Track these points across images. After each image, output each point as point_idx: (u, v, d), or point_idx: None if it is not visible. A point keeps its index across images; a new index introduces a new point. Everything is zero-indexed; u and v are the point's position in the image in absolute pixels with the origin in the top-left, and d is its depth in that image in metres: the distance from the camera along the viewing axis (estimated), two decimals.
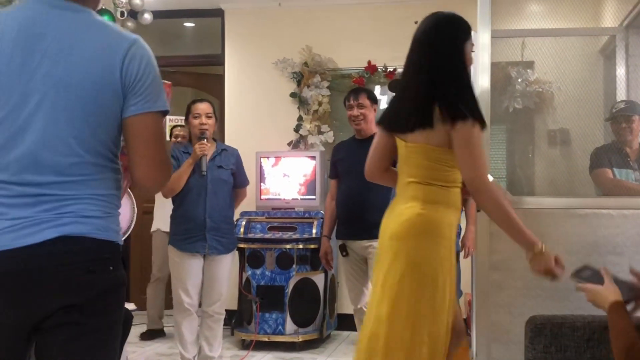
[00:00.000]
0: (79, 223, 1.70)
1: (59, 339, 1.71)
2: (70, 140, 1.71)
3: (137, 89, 1.75)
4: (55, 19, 1.74)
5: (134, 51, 1.75)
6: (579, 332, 2.34)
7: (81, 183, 1.73)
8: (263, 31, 6.48)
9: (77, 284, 1.70)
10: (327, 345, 5.57)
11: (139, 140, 1.78)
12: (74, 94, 1.70)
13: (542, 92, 5.20)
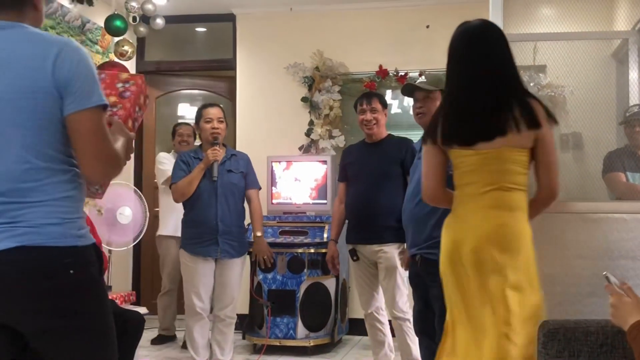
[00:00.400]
0: (33, 233, 1.77)
1: (43, 345, 1.81)
2: (17, 148, 1.78)
3: (70, 89, 1.80)
4: None
5: (64, 55, 1.82)
6: (593, 337, 2.32)
7: (35, 189, 1.79)
8: (274, 36, 6.49)
9: (38, 290, 1.76)
10: (339, 350, 5.56)
11: (78, 136, 1.83)
12: (14, 105, 1.78)
13: (554, 96, 5.17)
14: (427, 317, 3.54)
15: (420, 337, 3.71)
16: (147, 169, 6.96)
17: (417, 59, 6.15)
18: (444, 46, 6.35)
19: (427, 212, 3.47)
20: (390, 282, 4.17)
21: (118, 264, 6.32)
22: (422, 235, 3.49)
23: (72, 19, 5.74)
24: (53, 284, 1.78)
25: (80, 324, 1.83)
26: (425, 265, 3.49)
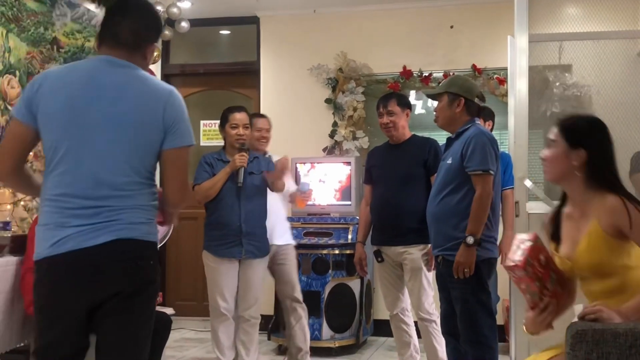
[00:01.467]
0: (129, 229, 2.21)
1: (113, 320, 2.21)
2: (122, 164, 2.22)
3: (175, 129, 2.28)
4: (111, 72, 2.27)
5: (172, 100, 2.30)
6: (622, 339, 2.30)
7: (130, 197, 2.23)
8: (298, 38, 6.51)
9: (128, 275, 2.21)
10: (364, 351, 5.56)
11: (172, 166, 2.32)
12: (127, 129, 2.22)
13: (581, 95, 5.15)
14: (453, 318, 3.54)
15: (446, 338, 3.71)
16: None
17: (441, 59, 6.14)
18: (468, 46, 6.38)
19: (447, 213, 3.47)
20: (416, 284, 4.17)
21: None
22: (443, 236, 3.50)
23: (98, 23, 5.79)
24: (139, 271, 2.24)
25: (147, 308, 2.30)
26: (446, 267, 3.49)
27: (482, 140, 3.42)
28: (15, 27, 4.78)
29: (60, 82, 2.25)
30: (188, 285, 6.67)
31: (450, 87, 3.59)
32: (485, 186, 3.38)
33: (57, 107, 2.21)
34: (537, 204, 3.91)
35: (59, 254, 2.16)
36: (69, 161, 2.21)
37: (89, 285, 2.18)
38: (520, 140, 3.98)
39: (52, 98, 2.22)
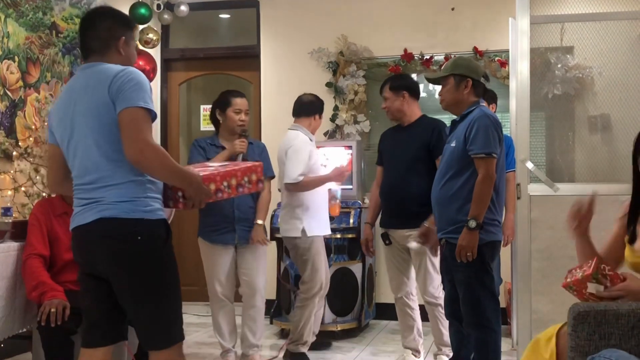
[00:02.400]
0: (110, 209, 2.47)
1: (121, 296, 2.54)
2: (98, 149, 2.50)
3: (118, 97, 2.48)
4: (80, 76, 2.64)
5: (119, 76, 2.50)
6: (623, 320, 2.30)
7: (110, 177, 2.48)
8: (298, 21, 6.47)
9: (116, 251, 2.48)
10: (366, 335, 5.57)
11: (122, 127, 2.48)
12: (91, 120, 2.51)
13: (582, 77, 5.13)
14: (456, 301, 3.54)
15: (450, 321, 3.71)
16: (172, 155, 6.96)
17: (442, 42, 6.10)
18: (469, 29, 6.35)
19: (450, 196, 3.46)
20: (421, 268, 4.17)
21: None
22: (446, 219, 3.49)
23: None
24: (124, 246, 2.47)
25: (141, 280, 2.50)
26: (449, 250, 3.48)
27: (485, 123, 3.39)
28: (13, 12, 4.75)
29: (56, 105, 2.70)
30: (190, 270, 6.66)
31: (456, 68, 3.55)
32: (488, 169, 3.36)
33: (56, 124, 2.65)
34: (539, 186, 3.90)
35: (72, 228, 2.62)
36: (69, 159, 2.61)
37: (88, 256, 2.58)
38: (521, 122, 3.96)
39: (54, 118, 2.67)
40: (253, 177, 2.96)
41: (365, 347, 5.17)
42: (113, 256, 2.49)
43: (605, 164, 4.40)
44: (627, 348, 2.23)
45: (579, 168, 4.57)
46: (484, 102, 3.71)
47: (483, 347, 3.43)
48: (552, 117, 5.02)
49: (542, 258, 3.83)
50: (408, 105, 4.27)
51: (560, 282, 2.61)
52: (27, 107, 4.86)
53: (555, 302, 3.69)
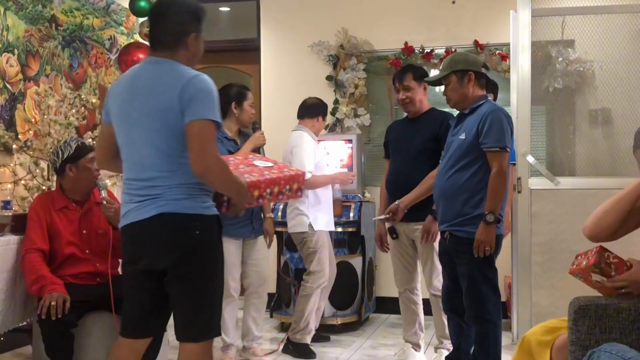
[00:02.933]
0: (167, 204, 2.55)
1: (175, 285, 2.61)
2: (160, 148, 2.56)
3: (189, 106, 2.51)
4: (148, 70, 2.65)
5: (190, 83, 2.55)
6: (624, 314, 2.30)
7: (170, 177, 2.56)
8: (298, 14, 6.45)
9: (176, 244, 2.57)
10: (366, 328, 5.57)
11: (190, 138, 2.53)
12: (157, 118, 2.55)
13: (583, 71, 5.12)
14: (456, 295, 3.54)
15: (449, 315, 3.71)
16: None
17: (443, 35, 6.08)
18: (470, 22, 6.33)
19: (457, 189, 3.45)
20: (428, 261, 4.16)
21: None
22: (452, 212, 3.48)
23: (96, 1, 5.76)
24: (184, 239, 2.56)
25: (203, 272, 2.61)
26: (453, 242, 3.48)
27: (499, 117, 3.38)
28: (13, 5, 4.74)
29: (117, 87, 2.72)
30: None
31: (455, 65, 3.53)
32: (503, 163, 3.35)
33: (115, 109, 2.68)
34: (540, 179, 3.90)
35: (126, 224, 2.65)
36: (125, 152, 2.67)
37: (141, 252, 2.64)
38: (522, 116, 3.96)
39: (113, 102, 2.70)
40: (294, 185, 3.05)
41: (366, 340, 5.17)
42: (173, 249, 2.57)
43: (606, 158, 4.40)
44: (627, 342, 2.23)
45: (580, 162, 4.57)
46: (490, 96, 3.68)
47: (484, 341, 3.43)
48: (552, 111, 5.01)
49: (542, 252, 3.84)
50: (424, 97, 4.24)
51: (561, 276, 2.61)
52: (26, 100, 4.84)
53: (555, 296, 3.70)
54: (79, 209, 3.67)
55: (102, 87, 5.84)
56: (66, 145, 3.65)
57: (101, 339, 3.52)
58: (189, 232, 2.57)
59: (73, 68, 5.44)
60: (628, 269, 2.42)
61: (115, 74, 6.02)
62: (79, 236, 3.62)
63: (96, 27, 5.76)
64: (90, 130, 5.10)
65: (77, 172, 3.63)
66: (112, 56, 5.99)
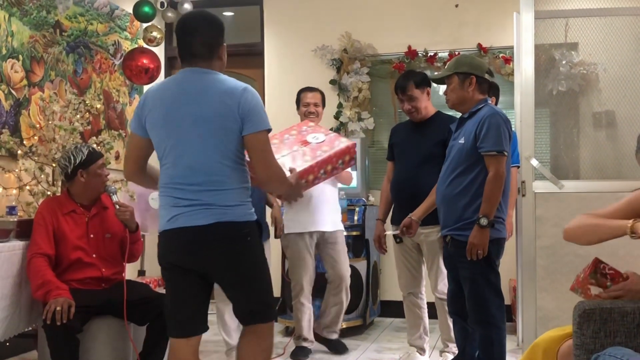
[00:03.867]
0: (223, 213, 2.68)
1: (234, 288, 2.81)
2: (212, 153, 2.68)
3: (249, 118, 2.68)
4: (195, 79, 2.76)
5: (246, 94, 2.71)
6: (629, 318, 2.29)
7: (222, 181, 2.69)
8: (302, 18, 6.46)
9: (232, 251, 2.71)
10: (371, 332, 5.57)
11: (254, 150, 2.73)
12: (211, 124, 2.67)
13: (587, 74, 5.11)
14: (460, 299, 3.54)
15: (454, 319, 3.71)
16: None
17: (446, 38, 6.09)
18: (473, 25, 6.32)
19: (457, 193, 3.45)
20: (434, 265, 4.15)
21: (152, 249, 6.38)
22: (453, 216, 3.48)
23: (100, 6, 5.78)
24: (239, 247, 2.72)
25: (252, 271, 2.79)
26: (455, 247, 3.48)
27: (496, 121, 3.38)
28: (17, 11, 4.75)
29: (158, 96, 2.78)
30: None
31: (459, 67, 3.53)
32: (499, 167, 3.35)
33: (158, 116, 2.74)
34: (544, 183, 3.89)
35: (175, 228, 2.71)
36: (173, 156, 2.72)
37: (195, 256, 2.72)
38: (526, 119, 3.96)
39: (154, 110, 2.75)
40: (346, 157, 3.32)
41: (370, 344, 5.17)
42: (229, 255, 2.73)
43: (611, 161, 4.38)
44: (632, 346, 2.22)
45: (584, 165, 4.56)
46: (491, 100, 3.69)
47: (488, 344, 3.42)
48: (556, 114, 5.00)
49: (547, 255, 3.83)
50: (429, 102, 4.23)
51: (565, 279, 2.61)
52: (31, 105, 4.86)
53: (560, 300, 3.69)
54: (87, 213, 3.69)
55: (106, 93, 5.85)
56: (78, 150, 3.67)
57: (106, 344, 3.53)
58: (242, 239, 2.74)
59: (77, 73, 5.46)
60: (624, 279, 2.43)
61: (120, 79, 6.04)
62: (86, 240, 3.63)
63: (100, 33, 5.78)
64: (94, 136, 5.11)
65: (88, 177, 3.65)
66: (117, 61, 6.00)
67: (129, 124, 2.85)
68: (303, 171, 3.05)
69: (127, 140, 2.86)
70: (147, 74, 5.83)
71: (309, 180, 3.11)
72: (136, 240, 3.82)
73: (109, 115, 5.89)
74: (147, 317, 3.56)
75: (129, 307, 3.48)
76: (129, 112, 6.20)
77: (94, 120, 5.50)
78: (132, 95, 6.30)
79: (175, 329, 2.84)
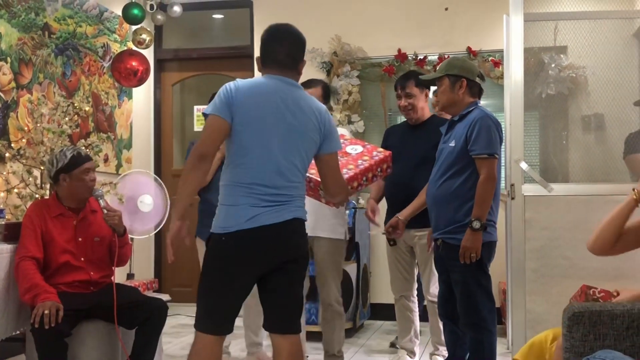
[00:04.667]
0: (299, 210, 2.88)
1: (281, 280, 2.86)
2: (294, 163, 2.84)
3: (329, 138, 2.93)
4: (289, 90, 2.89)
5: (327, 115, 2.96)
6: (618, 320, 2.30)
7: (297, 188, 2.88)
8: (292, 21, 6.33)
9: (298, 245, 2.90)
10: (361, 335, 5.56)
11: (329, 167, 2.99)
12: (300, 137, 2.84)
13: (576, 77, 5.13)
14: (451, 302, 3.53)
15: (444, 322, 3.71)
16: (165, 157, 6.98)
17: (436, 42, 6.10)
18: (463, 29, 6.34)
19: (448, 196, 3.45)
20: (427, 268, 4.15)
21: (140, 252, 6.37)
22: (444, 219, 3.48)
23: (89, 8, 5.76)
24: (304, 242, 2.94)
25: (304, 271, 2.99)
26: (446, 250, 3.48)
27: (487, 124, 3.38)
28: (6, 13, 4.73)
29: (251, 93, 2.84)
30: (184, 271, 6.66)
31: (451, 69, 3.52)
32: (490, 170, 3.34)
33: (252, 115, 2.80)
34: (533, 186, 3.90)
35: (255, 227, 2.76)
36: (259, 157, 2.79)
37: (275, 252, 2.82)
38: (515, 122, 3.97)
39: (247, 105, 2.80)
40: (384, 166, 3.54)
41: (360, 347, 5.16)
42: (299, 249, 2.91)
43: (599, 164, 4.40)
44: (621, 349, 2.23)
45: (573, 168, 4.57)
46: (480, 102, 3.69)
47: (478, 347, 3.42)
48: (545, 117, 5.01)
49: (536, 258, 3.83)
50: (426, 104, 4.22)
51: (555, 282, 2.63)
52: (19, 108, 4.83)
53: (549, 302, 3.70)
54: (75, 216, 3.67)
55: (95, 95, 5.82)
56: (62, 154, 3.64)
57: (95, 348, 3.51)
58: (305, 237, 2.95)
59: (66, 76, 5.43)
60: (616, 297, 2.45)
61: (109, 81, 6.02)
62: (74, 243, 3.61)
63: (89, 35, 5.76)
64: (83, 139, 5.08)
65: (70, 182, 3.62)
66: (105, 64, 5.98)
67: (213, 107, 2.82)
68: (348, 178, 3.29)
69: (208, 122, 2.84)
70: (136, 76, 5.81)
71: (354, 187, 3.36)
72: (124, 244, 3.79)
73: (98, 118, 5.86)
74: (136, 321, 3.54)
75: (118, 310, 3.47)
76: (117, 115, 6.18)
77: (83, 123, 5.47)
78: (121, 98, 6.28)
79: (213, 325, 2.89)
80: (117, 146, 6.13)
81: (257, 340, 4.46)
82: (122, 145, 6.26)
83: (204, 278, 2.89)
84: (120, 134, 6.22)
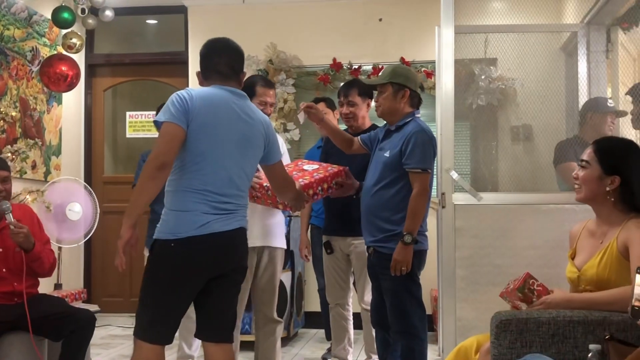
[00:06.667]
0: (244, 220, 2.96)
1: (223, 287, 2.91)
2: (244, 172, 2.95)
3: (270, 149, 3.05)
4: (238, 100, 2.97)
5: (270, 126, 3.10)
6: (544, 328, 2.35)
7: (243, 197, 2.97)
8: (227, 28, 6.38)
9: (243, 254, 2.99)
10: (295, 343, 5.55)
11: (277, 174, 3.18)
12: (250, 146, 2.94)
13: (505, 88, 5.24)
14: (383, 310, 3.55)
15: (376, 329, 3.72)
16: (96, 163, 6.84)
17: (371, 52, 6.16)
18: (397, 39, 6.41)
19: (381, 205, 3.46)
20: (362, 275, 4.15)
21: (68, 261, 6.21)
22: (375, 228, 3.49)
23: (18, 11, 5.60)
24: (246, 251, 3.02)
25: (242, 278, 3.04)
26: (377, 258, 3.49)
27: (422, 139, 3.40)
28: None
29: (206, 102, 2.86)
30: (115, 281, 6.53)
31: (395, 77, 3.52)
32: (423, 184, 3.37)
33: (208, 122, 2.83)
34: (463, 195, 3.96)
35: (206, 234, 2.78)
36: (212, 165, 2.83)
37: (224, 260, 2.87)
38: (446, 132, 4.01)
39: (203, 113, 2.82)
40: (339, 179, 3.69)
41: (295, 356, 5.15)
42: (243, 258, 2.99)
43: (528, 174, 4.50)
44: (547, 355, 2.28)
45: (502, 177, 4.66)
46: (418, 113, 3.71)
47: (409, 355, 3.44)
48: (476, 127, 5.10)
49: (466, 266, 3.89)
50: (367, 114, 4.22)
51: (484, 290, 2.67)
52: None
53: (479, 310, 3.75)
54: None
55: (23, 100, 5.66)
56: None
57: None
58: (246, 245, 3.02)
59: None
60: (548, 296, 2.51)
61: (37, 86, 5.86)
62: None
63: (17, 38, 5.60)
64: (9, 144, 4.93)
65: None
66: (34, 68, 5.82)
67: (169, 114, 2.78)
68: (304, 185, 3.45)
69: (164, 130, 2.77)
70: (66, 81, 5.68)
71: (309, 194, 3.49)
72: (35, 259, 3.56)
73: (26, 124, 5.69)
74: (63, 333, 3.44)
75: (44, 322, 3.37)
76: (46, 120, 6.02)
77: (10, 129, 5.31)
78: (51, 103, 6.12)
79: (165, 337, 2.84)
80: (45, 152, 5.97)
81: (189, 353, 4.38)
82: (51, 151, 6.10)
83: (149, 286, 2.81)
84: (49, 140, 6.06)
